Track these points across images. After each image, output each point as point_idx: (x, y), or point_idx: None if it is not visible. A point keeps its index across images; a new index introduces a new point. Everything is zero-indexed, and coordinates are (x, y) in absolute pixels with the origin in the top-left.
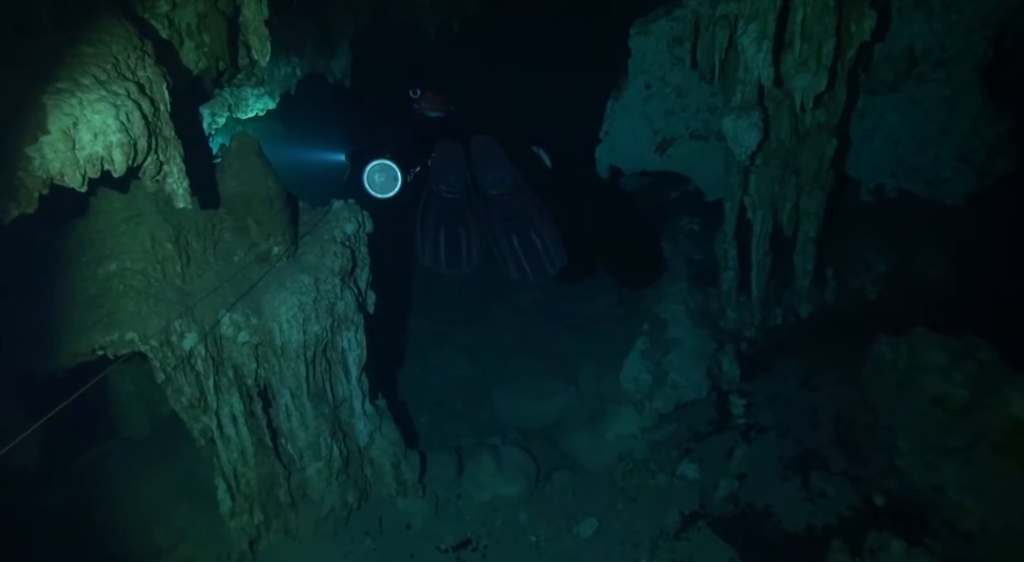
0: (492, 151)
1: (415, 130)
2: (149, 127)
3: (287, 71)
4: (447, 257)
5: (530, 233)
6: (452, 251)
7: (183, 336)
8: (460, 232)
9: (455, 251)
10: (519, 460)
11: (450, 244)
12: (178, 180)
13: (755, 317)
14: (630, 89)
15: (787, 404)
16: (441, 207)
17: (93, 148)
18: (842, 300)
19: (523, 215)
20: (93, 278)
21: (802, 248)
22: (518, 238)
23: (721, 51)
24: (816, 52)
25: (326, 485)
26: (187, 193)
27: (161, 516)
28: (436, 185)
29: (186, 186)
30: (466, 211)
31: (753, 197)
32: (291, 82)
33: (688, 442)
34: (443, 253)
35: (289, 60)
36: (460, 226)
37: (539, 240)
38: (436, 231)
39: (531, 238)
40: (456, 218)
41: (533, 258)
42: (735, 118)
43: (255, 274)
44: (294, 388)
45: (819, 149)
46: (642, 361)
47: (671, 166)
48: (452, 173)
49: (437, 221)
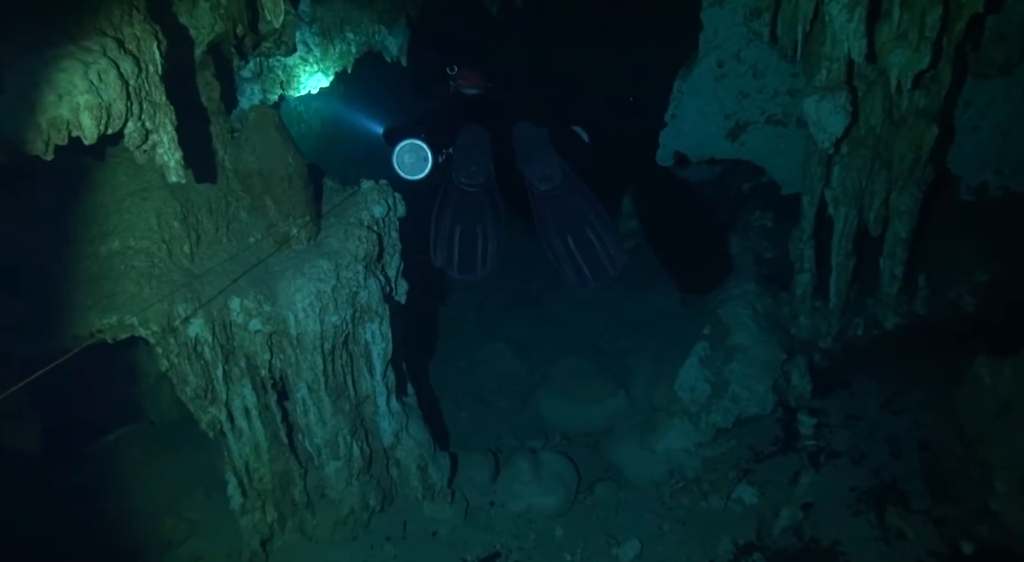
0: (536, 142)
1: (449, 108)
2: (129, 90)
3: (342, 48)
4: (460, 260)
5: (586, 232)
6: (466, 253)
7: (188, 322)
8: (477, 230)
9: (469, 253)
10: (559, 468)
11: (464, 245)
12: (169, 151)
13: (832, 326)
14: (700, 67)
15: (865, 427)
16: (460, 202)
17: (57, 111)
18: (935, 312)
19: (576, 212)
20: (95, 257)
21: (891, 250)
22: (574, 239)
23: (805, 22)
24: (918, 23)
25: (345, 485)
26: (180, 166)
27: (173, 507)
28: (456, 177)
29: (179, 158)
30: (486, 206)
31: (836, 191)
32: (347, 60)
33: (747, 462)
34: (456, 255)
35: (344, 36)
36: (477, 224)
37: (596, 239)
38: (451, 230)
39: (588, 238)
40: (474, 215)
41: (592, 260)
42: (819, 99)
43: (272, 258)
44: (311, 381)
45: (916, 138)
46: (700, 368)
47: (743, 154)
48: (474, 163)
49: (454, 219)
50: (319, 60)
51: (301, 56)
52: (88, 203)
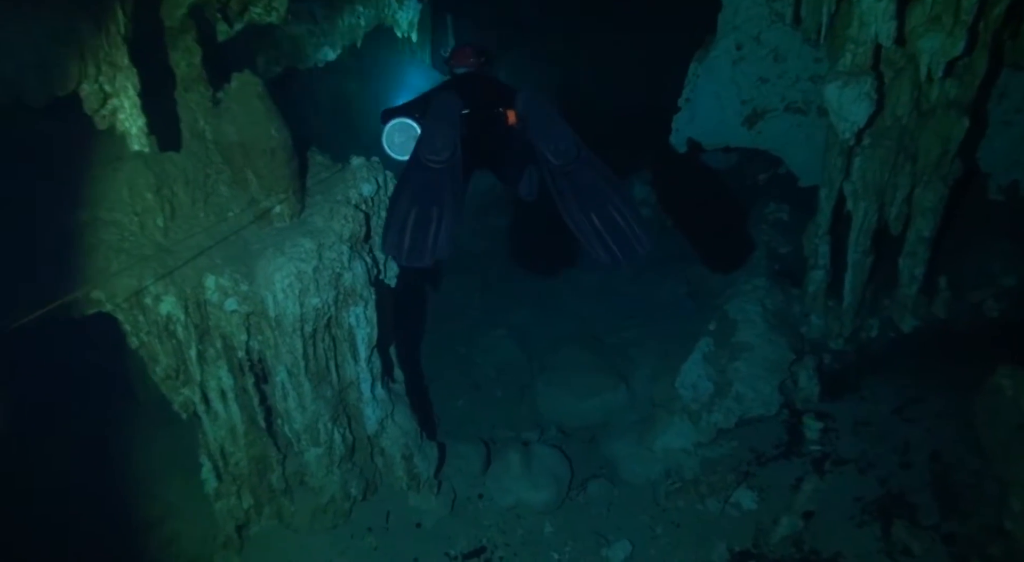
0: (548, 114)
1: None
2: (85, 49)
3: (351, 21)
4: (410, 247)
5: (608, 209)
6: (417, 240)
7: (159, 299)
8: (432, 214)
9: (421, 240)
10: (552, 463)
11: (417, 231)
12: (131, 117)
13: (845, 327)
14: (718, 49)
15: (874, 434)
16: (420, 182)
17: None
18: (955, 316)
19: (595, 188)
20: (63, 228)
21: (912, 250)
22: (599, 217)
23: (831, 3)
24: (953, 6)
25: (326, 473)
26: (142, 133)
27: (153, 488)
28: (422, 152)
29: (141, 125)
30: (446, 185)
31: (856, 184)
32: (356, 34)
33: (748, 465)
34: (407, 242)
35: (354, 9)
36: (434, 205)
37: (620, 217)
38: (407, 213)
39: (612, 215)
40: (432, 196)
41: (619, 238)
42: (842, 85)
43: (251, 235)
44: (290, 365)
45: (945, 130)
46: (704, 365)
47: (760, 143)
48: (440, 138)
49: (411, 200)
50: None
51: (308, 28)
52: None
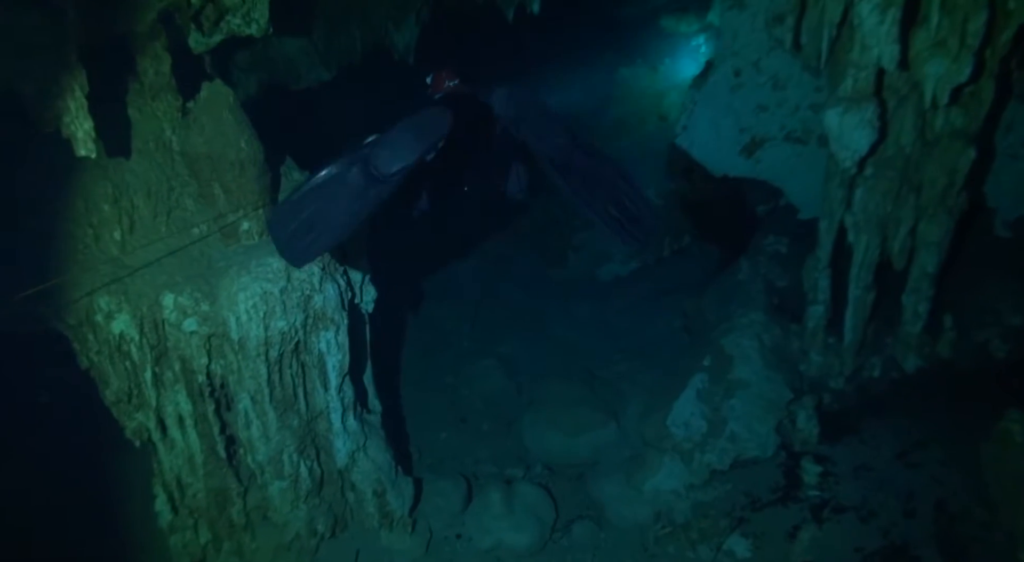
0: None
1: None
2: None
3: (346, 43)
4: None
5: (619, 195)
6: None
7: (111, 316)
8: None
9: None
10: (535, 502)
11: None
12: (76, 120)
13: (845, 365)
14: (716, 75)
15: (876, 480)
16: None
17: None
18: (961, 356)
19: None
20: (14, 238)
21: (915, 285)
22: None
23: (832, 27)
24: (959, 29)
25: (291, 508)
26: (88, 138)
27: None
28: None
29: (88, 129)
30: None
31: (857, 216)
32: (353, 55)
33: (742, 510)
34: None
35: (349, 32)
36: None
37: (629, 202)
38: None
39: (622, 200)
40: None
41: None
42: (842, 111)
43: (217, 252)
44: (254, 392)
45: (950, 161)
46: (697, 403)
47: (759, 172)
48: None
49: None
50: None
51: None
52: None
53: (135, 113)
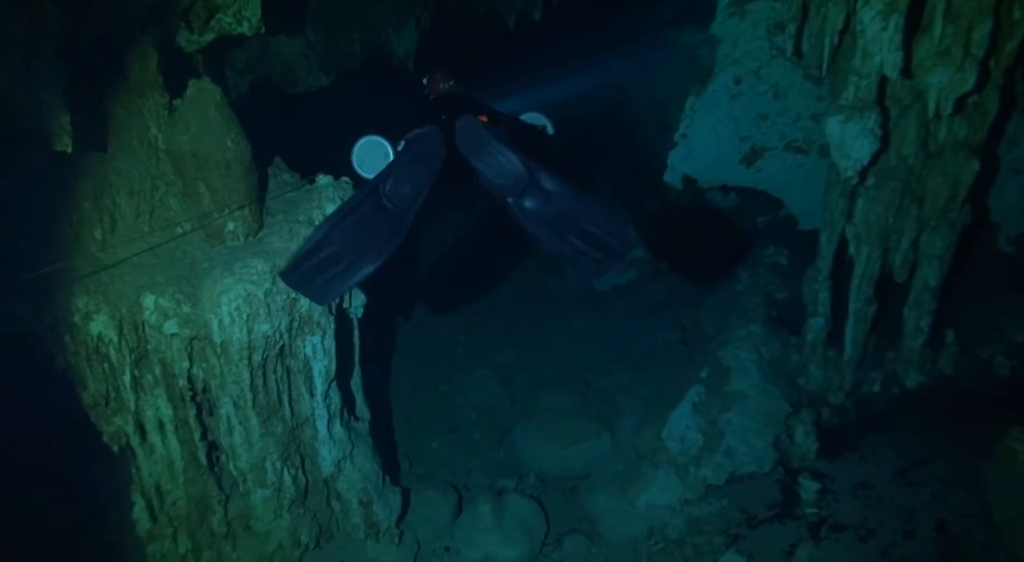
0: (485, 145)
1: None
2: None
3: (346, 47)
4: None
5: (583, 225)
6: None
7: (89, 317)
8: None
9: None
10: (526, 515)
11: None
12: (53, 113)
13: (845, 380)
14: (716, 83)
15: (875, 499)
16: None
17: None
18: (963, 373)
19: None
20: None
21: (917, 299)
22: (576, 236)
23: (834, 35)
24: (963, 39)
25: (274, 517)
26: (64, 132)
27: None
28: (385, 188)
29: (64, 123)
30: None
31: (859, 227)
32: (352, 61)
33: (738, 527)
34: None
35: (349, 36)
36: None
37: (595, 228)
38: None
39: (586, 230)
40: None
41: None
42: (844, 119)
43: (200, 252)
44: (236, 397)
45: (954, 173)
46: (693, 416)
47: (759, 182)
48: (413, 184)
49: (344, 238)
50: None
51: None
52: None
53: (120, 110)
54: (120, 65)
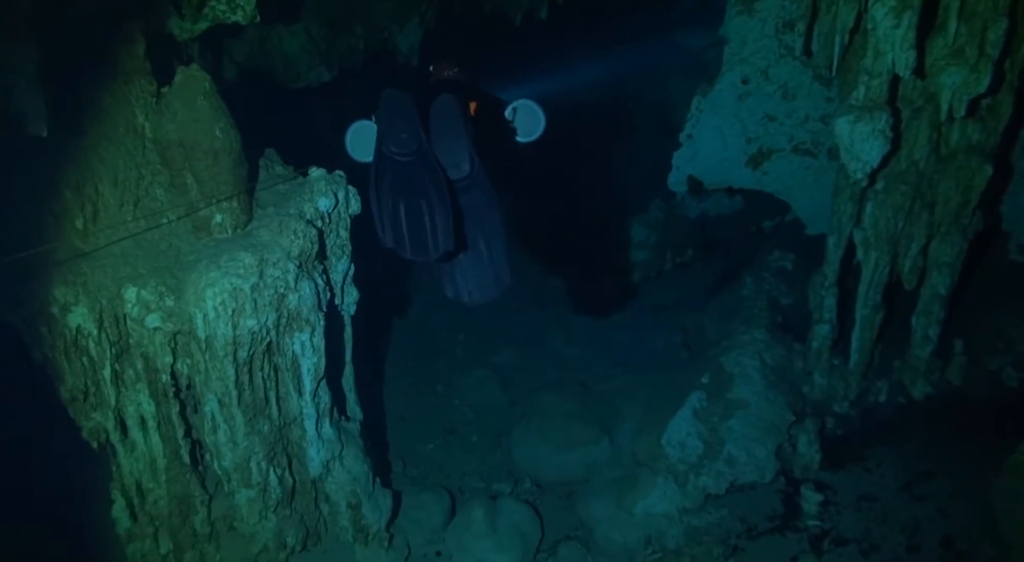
0: (450, 123)
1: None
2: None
3: (349, 43)
4: (411, 239)
5: (479, 242)
6: (415, 232)
7: (67, 309)
8: (421, 206)
9: (419, 232)
10: (520, 521)
11: (412, 221)
12: (26, 96)
13: (850, 389)
14: (722, 82)
15: (879, 511)
16: (396, 174)
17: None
18: (971, 384)
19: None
20: None
21: (926, 307)
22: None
23: (844, 33)
24: (978, 38)
25: (258, 518)
26: (39, 116)
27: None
28: (387, 146)
29: (38, 106)
30: (425, 178)
31: (867, 232)
32: (355, 57)
33: (737, 538)
34: (406, 234)
35: (353, 31)
36: (420, 198)
37: (487, 251)
38: (395, 204)
39: (480, 249)
40: (414, 188)
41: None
42: (853, 120)
43: (186, 245)
44: (221, 394)
45: (966, 177)
46: (693, 422)
47: (765, 184)
48: (404, 130)
49: (394, 191)
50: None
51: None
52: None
53: (106, 97)
54: (106, 50)
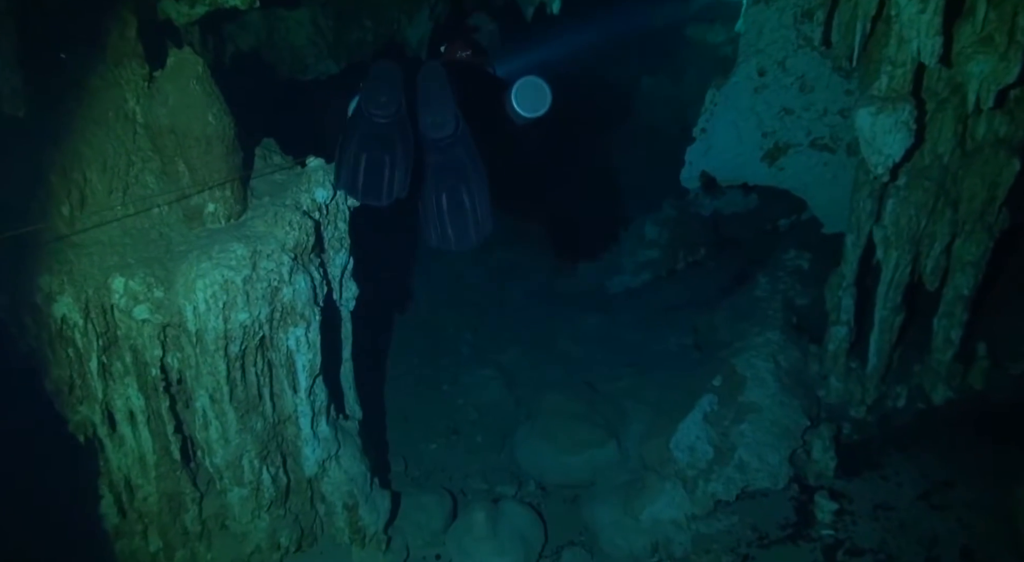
0: (438, 87)
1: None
2: None
3: (357, 35)
4: (365, 183)
5: (461, 192)
6: (372, 178)
7: (51, 298)
8: (384, 159)
9: (376, 178)
10: (522, 524)
11: (371, 170)
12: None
13: (868, 393)
14: (738, 74)
15: (896, 522)
16: (367, 132)
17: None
18: (995, 389)
19: (458, 169)
20: None
21: (948, 309)
22: (448, 198)
23: (867, 21)
24: (1008, 24)
25: (251, 517)
26: (15, 96)
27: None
28: (366, 107)
29: (15, 85)
30: (396, 137)
31: (887, 230)
32: (363, 49)
33: (748, 547)
34: (361, 179)
35: (362, 24)
36: (385, 153)
37: (469, 201)
38: (357, 156)
39: (461, 199)
40: (382, 144)
41: (459, 224)
42: (875, 111)
43: (177, 235)
44: (212, 390)
45: (992, 173)
46: (704, 426)
47: (781, 181)
48: (384, 94)
49: (360, 145)
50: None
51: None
52: None
53: (95, 80)
54: (96, 31)
